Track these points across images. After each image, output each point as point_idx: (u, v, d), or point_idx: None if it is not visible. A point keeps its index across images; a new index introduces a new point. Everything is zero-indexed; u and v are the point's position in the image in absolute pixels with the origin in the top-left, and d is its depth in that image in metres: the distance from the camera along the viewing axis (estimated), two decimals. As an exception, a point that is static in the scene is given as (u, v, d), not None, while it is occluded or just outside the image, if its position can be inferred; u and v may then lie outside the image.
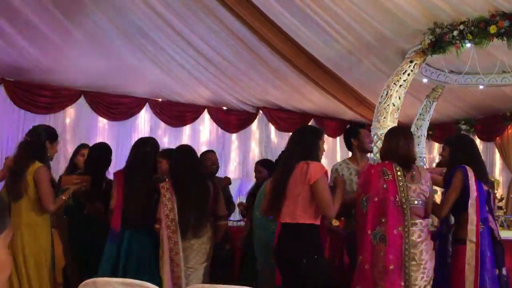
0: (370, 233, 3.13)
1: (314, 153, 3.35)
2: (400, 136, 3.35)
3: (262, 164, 4.94)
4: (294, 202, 3.20)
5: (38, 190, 3.68)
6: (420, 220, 3.22)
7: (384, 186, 3.18)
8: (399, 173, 3.19)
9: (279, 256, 3.29)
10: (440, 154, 3.79)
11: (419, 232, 3.18)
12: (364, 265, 3.12)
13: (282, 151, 3.63)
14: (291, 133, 9.96)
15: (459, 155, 3.58)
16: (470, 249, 3.29)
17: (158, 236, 3.77)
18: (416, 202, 3.21)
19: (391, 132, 3.50)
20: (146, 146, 4.08)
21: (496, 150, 9.20)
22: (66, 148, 7.70)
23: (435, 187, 4.09)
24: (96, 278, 2.14)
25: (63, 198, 3.86)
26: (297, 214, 3.18)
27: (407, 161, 3.28)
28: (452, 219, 3.60)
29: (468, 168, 3.42)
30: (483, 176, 3.53)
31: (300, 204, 3.18)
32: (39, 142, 3.83)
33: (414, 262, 3.11)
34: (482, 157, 3.80)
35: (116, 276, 3.46)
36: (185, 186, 3.75)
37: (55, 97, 7.87)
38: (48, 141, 3.88)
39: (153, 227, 3.83)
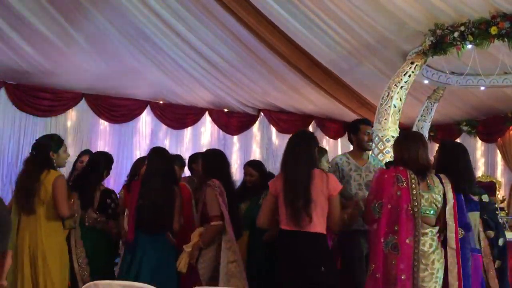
0: (383, 241, 3.09)
1: (318, 161, 3.37)
2: (419, 144, 3.28)
3: (254, 166, 4.70)
4: (315, 211, 3.16)
5: (55, 196, 3.72)
6: (431, 229, 3.18)
7: (398, 193, 3.12)
8: (413, 180, 3.13)
9: (289, 265, 3.18)
10: (433, 157, 3.78)
11: (430, 242, 3.14)
12: (375, 273, 3.07)
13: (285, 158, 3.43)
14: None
15: (444, 162, 3.57)
16: (451, 256, 3.23)
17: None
18: (428, 211, 3.17)
19: (409, 138, 3.38)
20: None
21: (498, 151, 9.18)
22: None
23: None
24: (97, 280, 2.14)
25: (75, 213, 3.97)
26: (317, 223, 3.15)
27: (425, 170, 3.24)
28: None
29: (442, 176, 3.40)
30: (464, 185, 3.45)
31: (319, 213, 3.17)
32: (44, 155, 3.85)
33: (427, 272, 3.07)
34: (480, 161, 3.79)
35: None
36: (233, 185, 3.86)
37: (57, 99, 7.89)
38: (51, 151, 3.86)
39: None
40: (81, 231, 4.19)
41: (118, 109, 8.41)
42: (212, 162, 3.89)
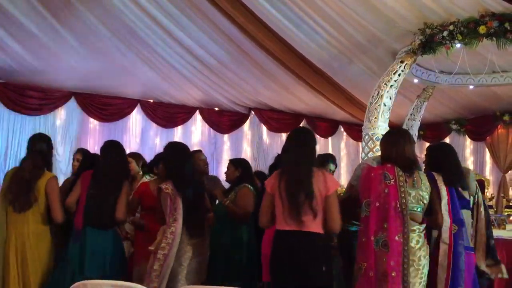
0: (373, 239, 3.10)
1: (316, 159, 3.32)
2: (406, 140, 3.30)
3: (233, 162, 4.66)
4: (314, 210, 3.08)
5: (49, 201, 3.72)
6: (418, 226, 3.21)
7: (386, 190, 3.13)
8: (401, 178, 3.15)
9: (290, 264, 3.09)
10: (423, 162, 3.82)
11: (417, 238, 3.17)
12: (368, 272, 3.08)
13: (282, 154, 3.38)
14: (284, 134, 10.02)
15: (432, 162, 3.63)
16: (443, 250, 3.31)
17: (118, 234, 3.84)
18: (415, 208, 3.19)
19: (395, 136, 3.40)
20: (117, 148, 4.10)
21: (487, 150, 9.27)
22: (56, 150, 7.64)
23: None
24: (86, 280, 2.12)
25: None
26: (316, 223, 3.07)
27: (412, 166, 3.25)
28: None
29: (434, 174, 3.46)
30: (455, 182, 3.52)
31: (318, 213, 3.08)
32: (48, 151, 3.90)
33: (412, 268, 3.11)
34: (469, 159, 3.84)
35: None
36: (187, 186, 3.72)
37: (45, 98, 7.82)
38: (52, 150, 3.98)
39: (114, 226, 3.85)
40: None
41: (108, 108, 8.37)
42: (169, 160, 3.86)
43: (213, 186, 4.57)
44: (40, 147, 3.91)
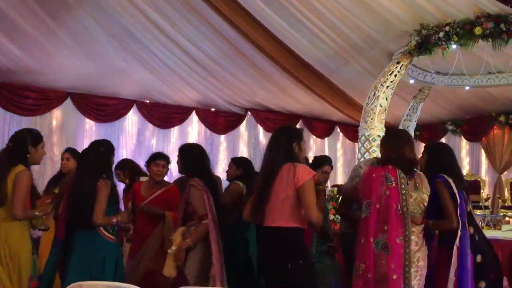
0: (372, 241, 3.09)
1: (297, 155, 3.33)
2: (405, 141, 3.28)
3: (234, 160, 4.70)
4: (281, 205, 3.12)
5: (13, 194, 3.53)
6: (418, 227, 3.22)
7: (387, 192, 3.11)
8: (403, 180, 3.13)
9: (262, 261, 3.21)
10: (419, 159, 3.81)
11: (416, 239, 3.18)
12: (367, 274, 3.05)
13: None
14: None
15: (436, 163, 3.62)
16: (455, 251, 3.36)
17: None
18: (415, 211, 3.20)
19: (394, 136, 3.38)
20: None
21: (482, 150, 9.30)
22: (52, 151, 7.63)
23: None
24: (81, 281, 2.12)
25: (36, 213, 3.69)
26: (283, 218, 3.10)
27: (412, 167, 3.25)
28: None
29: (446, 176, 3.47)
30: (459, 183, 3.55)
31: (287, 207, 3.11)
32: (22, 147, 3.72)
33: (412, 270, 3.11)
34: (465, 160, 3.87)
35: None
36: (214, 182, 3.74)
37: (42, 99, 7.80)
38: (30, 145, 3.74)
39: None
40: None
41: (104, 108, 8.35)
42: (191, 158, 3.77)
43: None
44: (12, 140, 3.75)
